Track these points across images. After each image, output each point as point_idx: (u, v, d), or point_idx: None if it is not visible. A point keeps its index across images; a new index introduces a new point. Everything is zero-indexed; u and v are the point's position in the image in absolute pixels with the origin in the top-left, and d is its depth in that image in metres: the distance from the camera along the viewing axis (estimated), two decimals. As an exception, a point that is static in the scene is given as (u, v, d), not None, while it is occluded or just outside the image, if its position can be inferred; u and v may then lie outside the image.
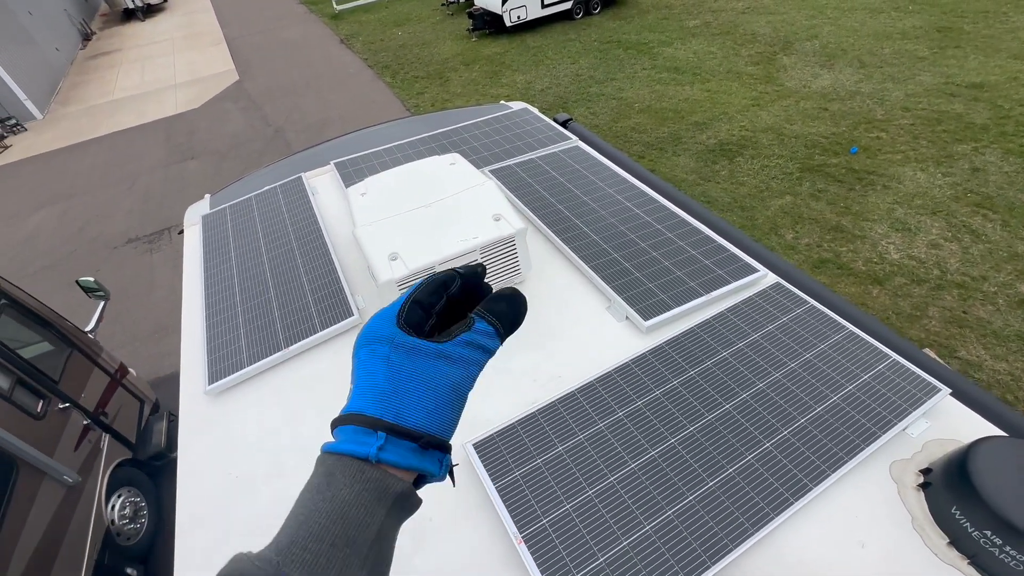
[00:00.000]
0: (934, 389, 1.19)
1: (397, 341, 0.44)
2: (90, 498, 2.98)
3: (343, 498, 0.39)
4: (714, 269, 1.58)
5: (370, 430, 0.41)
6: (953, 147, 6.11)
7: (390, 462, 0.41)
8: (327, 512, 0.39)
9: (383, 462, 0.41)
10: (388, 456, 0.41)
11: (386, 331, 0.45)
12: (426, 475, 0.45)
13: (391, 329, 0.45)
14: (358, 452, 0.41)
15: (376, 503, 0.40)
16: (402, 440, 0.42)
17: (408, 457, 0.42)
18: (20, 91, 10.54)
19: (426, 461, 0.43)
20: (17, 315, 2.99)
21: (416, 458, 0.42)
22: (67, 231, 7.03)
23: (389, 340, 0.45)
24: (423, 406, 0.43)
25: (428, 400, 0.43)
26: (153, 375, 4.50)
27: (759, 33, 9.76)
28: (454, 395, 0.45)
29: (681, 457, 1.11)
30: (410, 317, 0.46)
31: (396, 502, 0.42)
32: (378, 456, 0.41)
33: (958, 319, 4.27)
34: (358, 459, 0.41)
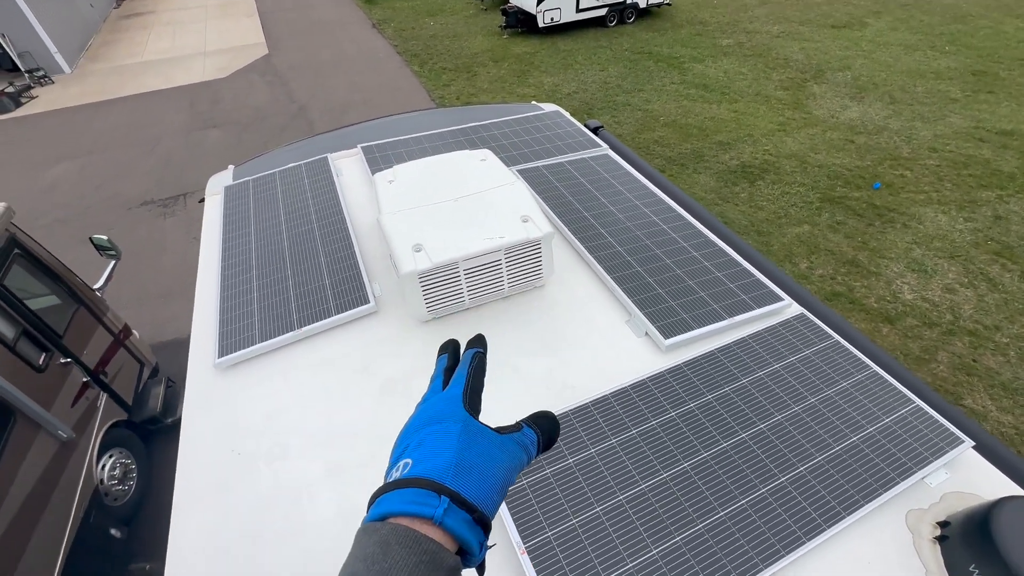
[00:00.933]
0: (957, 440, 1.16)
1: (468, 423, 0.48)
2: (82, 455, 2.98)
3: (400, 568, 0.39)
4: (738, 293, 1.55)
5: (435, 494, 0.43)
6: (977, 192, 6.05)
7: (449, 527, 0.42)
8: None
9: (445, 527, 0.42)
10: (450, 521, 0.42)
11: (459, 414, 0.49)
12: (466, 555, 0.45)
13: (463, 413, 0.49)
14: (423, 512, 0.42)
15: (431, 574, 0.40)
16: (461, 510, 0.43)
17: (463, 527, 0.43)
18: (51, 44, 10.59)
19: (473, 536, 0.44)
20: (29, 266, 2.99)
21: (468, 530, 0.43)
22: (85, 187, 7.05)
23: (463, 421, 0.48)
24: (481, 484, 0.45)
25: (487, 479, 0.46)
26: (155, 339, 4.50)
27: (791, 58, 9.70)
28: (504, 481, 0.48)
29: (693, 483, 1.09)
30: (473, 405, 0.51)
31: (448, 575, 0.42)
32: (442, 519, 0.42)
33: (967, 367, 4.22)
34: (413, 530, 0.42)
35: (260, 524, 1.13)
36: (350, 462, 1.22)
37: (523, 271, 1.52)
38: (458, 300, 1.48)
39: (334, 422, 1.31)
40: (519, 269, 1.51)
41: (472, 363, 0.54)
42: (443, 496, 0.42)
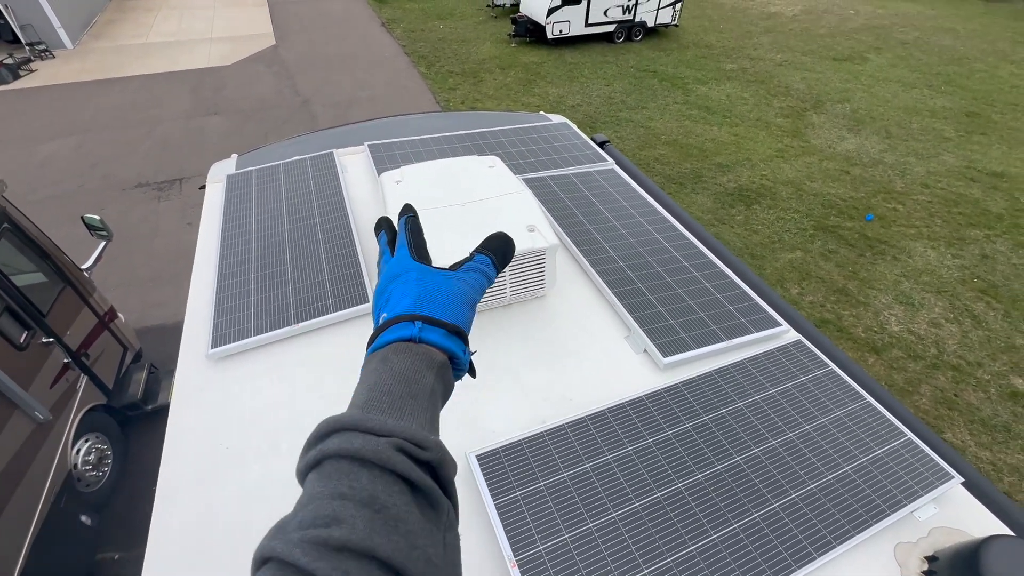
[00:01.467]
0: (946, 475, 1.17)
1: (422, 268, 0.58)
2: (57, 438, 2.91)
3: (400, 367, 0.48)
4: (737, 316, 1.56)
5: (410, 322, 0.52)
6: (966, 231, 6.18)
7: (429, 340, 0.51)
8: (390, 377, 0.48)
9: (424, 340, 0.51)
10: (427, 335, 0.51)
11: (410, 265, 0.58)
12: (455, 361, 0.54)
13: (413, 263, 0.58)
14: (404, 334, 0.51)
15: (426, 368, 0.49)
16: (434, 327, 0.52)
17: (441, 338, 0.52)
18: (55, 18, 10.47)
19: (453, 344, 0.53)
20: (17, 241, 2.93)
21: (446, 340, 0.53)
22: (80, 165, 6.94)
23: (415, 269, 0.58)
24: (446, 307, 0.55)
25: (449, 303, 0.55)
26: (141, 324, 4.42)
27: (793, 87, 9.88)
28: (467, 301, 0.57)
29: (686, 503, 1.09)
30: (422, 256, 0.60)
31: (439, 370, 0.51)
32: (420, 335, 0.51)
33: (948, 400, 4.29)
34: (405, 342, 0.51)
35: (246, 521, 1.10)
36: (341, 463, 1.20)
37: (526, 280, 1.52)
38: (459, 305, 1.47)
39: (326, 421, 1.29)
40: (522, 278, 1.51)
41: (407, 227, 0.63)
42: (416, 321, 0.52)
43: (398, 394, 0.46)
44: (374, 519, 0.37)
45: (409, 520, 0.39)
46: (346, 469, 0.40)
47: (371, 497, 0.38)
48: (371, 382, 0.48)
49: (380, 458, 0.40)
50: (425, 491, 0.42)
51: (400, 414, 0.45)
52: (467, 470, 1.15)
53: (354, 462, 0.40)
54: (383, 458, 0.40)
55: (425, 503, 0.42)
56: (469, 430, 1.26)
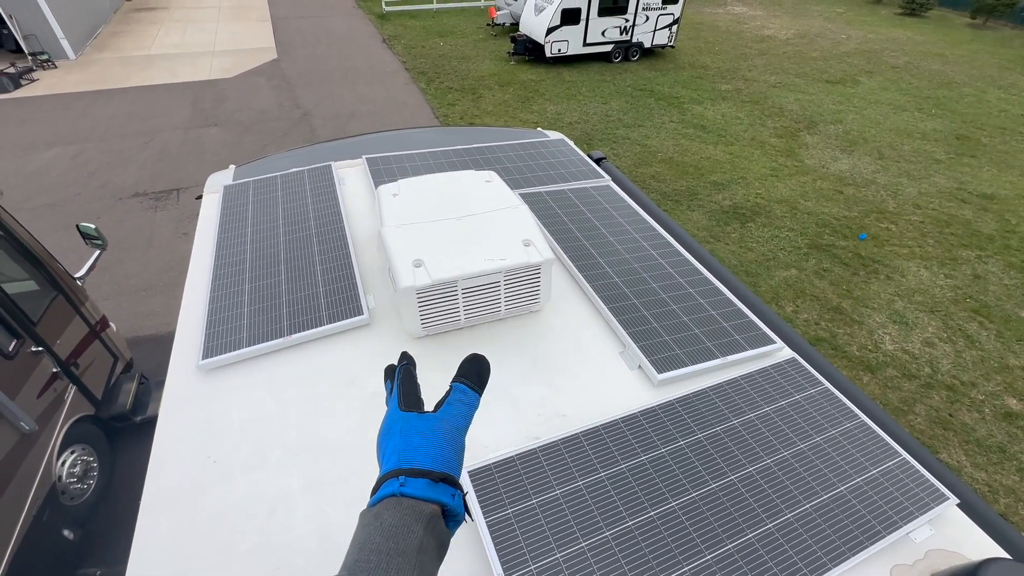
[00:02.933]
0: (942, 497, 1.17)
1: (405, 417, 0.61)
2: (42, 449, 2.85)
3: (389, 523, 0.50)
4: (731, 333, 1.56)
5: (394, 478, 0.55)
6: (958, 251, 6.25)
7: (410, 494, 0.53)
8: (379, 534, 0.50)
9: (405, 495, 0.53)
10: (408, 490, 0.53)
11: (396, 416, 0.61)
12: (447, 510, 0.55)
13: (399, 414, 0.61)
14: (387, 492, 0.54)
15: (415, 522, 0.51)
16: (418, 479, 0.54)
17: (423, 489, 0.54)
18: (58, 28, 10.56)
19: (439, 493, 0.54)
20: (9, 248, 2.91)
21: (430, 490, 0.54)
22: (77, 173, 6.94)
23: (400, 419, 0.61)
24: (428, 454, 0.57)
25: (431, 449, 0.57)
26: (133, 334, 4.38)
27: (787, 108, 10.05)
28: (450, 442, 0.59)
29: (680, 523, 1.07)
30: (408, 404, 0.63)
31: (429, 522, 0.52)
32: (400, 491, 0.53)
33: (943, 420, 4.29)
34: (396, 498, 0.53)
35: (232, 535, 1.08)
36: (329, 477, 1.18)
37: (521, 295, 1.52)
38: (454, 319, 1.47)
39: (316, 435, 1.27)
40: (517, 292, 1.51)
41: (399, 375, 0.67)
42: (401, 476, 0.54)
43: (386, 551, 0.48)
44: None
45: None
46: None
47: None
48: (361, 540, 0.50)
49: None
50: None
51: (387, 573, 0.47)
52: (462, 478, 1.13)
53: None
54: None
55: None
56: (461, 445, 1.24)
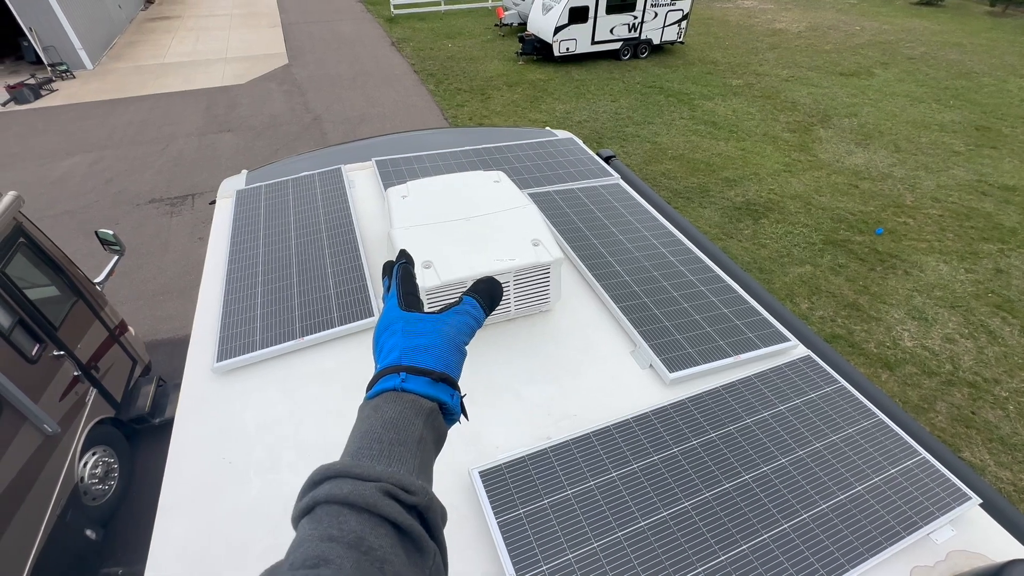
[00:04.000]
0: (964, 496, 1.14)
1: (407, 317, 0.59)
2: (65, 451, 2.92)
3: (390, 415, 0.50)
4: (744, 331, 1.54)
5: (394, 374, 0.54)
6: (979, 245, 6.10)
7: (411, 390, 0.53)
8: (380, 424, 0.50)
9: (406, 390, 0.53)
10: (409, 385, 0.53)
11: (396, 315, 0.60)
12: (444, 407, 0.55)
13: (400, 313, 0.60)
14: (388, 386, 0.53)
15: (414, 415, 0.51)
16: (419, 376, 0.54)
17: (424, 386, 0.54)
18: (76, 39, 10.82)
19: (439, 391, 0.54)
20: (32, 256, 2.98)
21: (431, 388, 0.54)
22: (95, 181, 7.10)
23: (400, 319, 0.59)
24: (431, 353, 0.56)
25: (433, 349, 0.56)
26: (151, 337, 4.46)
27: (799, 102, 9.91)
28: (453, 345, 0.58)
29: (694, 523, 1.06)
30: (408, 303, 0.61)
31: (428, 417, 0.52)
32: (402, 386, 0.53)
33: (966, 418, 4.19)
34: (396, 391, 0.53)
35: (247, 536, 1.09)
36: (343, 478, 1.19)
37: (531, 295, 1.51)
38: (463, 319, 1.47)
39: (329, 436, 1.28)
40: (527, 292, 1.50)
41: (397, 274, 0.65)
42: (401, 372, 0.54)
43: (387, 441, 0.48)
44: (360, 560, 0.38)
45: (395, 562, 0.40)
46: (335, 513, 0.41)
47: (358, 539, 0.39)
48: (363, 430, 0.50)
49: (367, 502, 0.41)
50: (411, 535, 0.43)
51: (389, 460, 0.47)
52: (470, 487, 1.13)
53: (343, 506, 0.41)
54: (370, 502, 0.41)
55: (411, 546, 0.43)
56: (472, 446, 1.24)
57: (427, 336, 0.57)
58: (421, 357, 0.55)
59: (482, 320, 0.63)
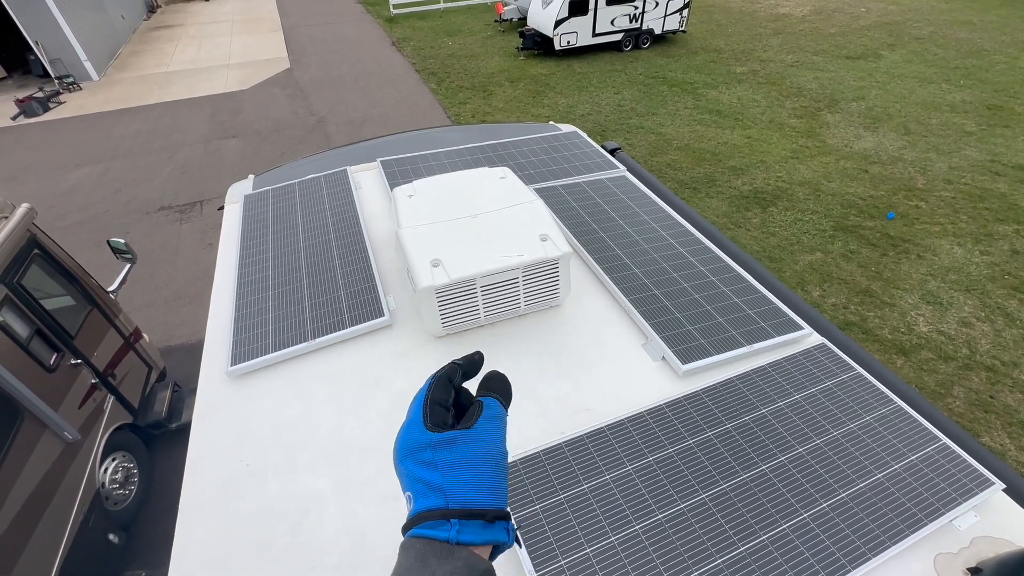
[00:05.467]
0: (986, 482, 1.12)
1: (434, 442, 0.51)
2: (85, 457, 2.97)
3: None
4: (757, 320, 1.53)
5: (443, 520, 0.47)
6: (994, 226, 5.99)
7: (468, 541, 0.46)
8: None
9: (463, 543, 0.46)
10: (466, 537, 0.46)
11: (422, 438, 0.52)
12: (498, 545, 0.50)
13: (425, 435, 0.52)
14: (439, 536, 0.46)
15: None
16: (472, 521, 0.47)
17: (481, 534, 0.47)
18: (82, 52, 10.93)
19: (496, 532, 0.48)
20: (47, 267, 3.03)
21: (487, 532, 0.48)
22: (105, 190, 7.19)
23: (428, 445, 0.51)
24: (477, 486, 0.49)
25: (478, 480, 0.49)
26: (165, 343, 4.52)
27: (805, 87, 9.77)
28: (496, 466, 0.51)
29: (711, 515, 1.06)
30: (435, 418, 0.53)
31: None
32: (457, 538, 0.46)
33: (984, 403, 4.12)
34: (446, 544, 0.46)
35: (266, 537, 1.10)
36: (358, 478, 1.20)
37: (540, 290, 1.51)
38: (474, 317, 1.47)
39: (343, 436, 1.29)
40: (536, 288, 1.50)
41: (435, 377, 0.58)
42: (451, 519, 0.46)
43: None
44: None
45: None
46: None
47: None
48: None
49: None
50: None
51: None
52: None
53: None
54: None
55: None
56: (486, 442, 1.24)
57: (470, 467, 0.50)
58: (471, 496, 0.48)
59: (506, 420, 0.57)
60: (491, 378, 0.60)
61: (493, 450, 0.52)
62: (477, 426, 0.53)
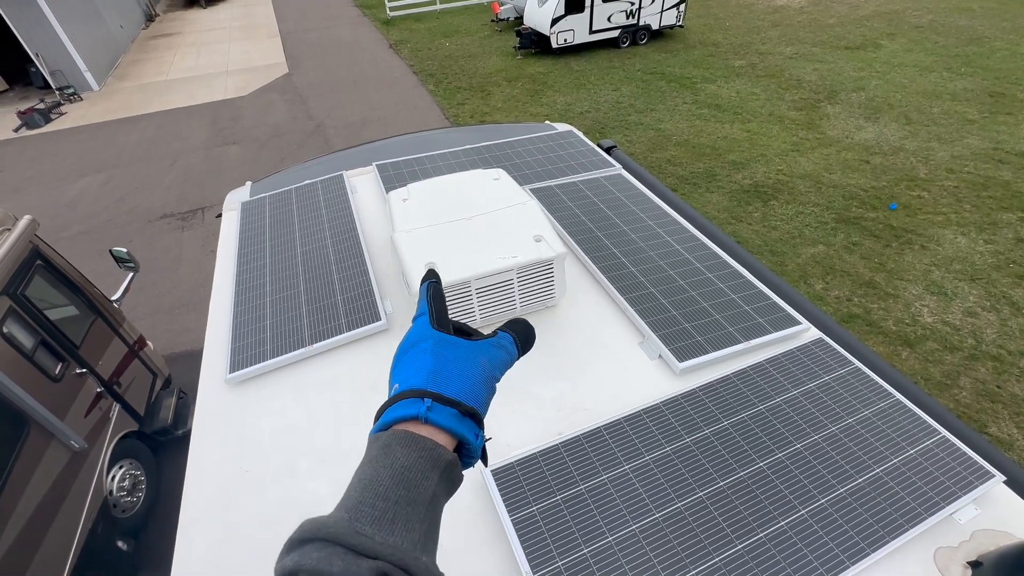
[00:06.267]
0: (987, 474, 1.11)
1: (439, 338, 0.54)
2: (93, 466, 3.00)
3: (402, 464, 0.44)
4: (754, 316, 1.53)
5: (418, 399, 0.48)
6: (998, 214, 5.94)
7: (435, 421, 0.47)
8: (389, 475, 0.43)
9: (431, 421, 0.47)
10: (434, 416, 0.47)
11: (428, 333, 0.55)
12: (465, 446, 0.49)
13: (431, 331, 0.55)
14: (409, 412, 0.47)
15: (430, 469, 0.45)
16: (445, 407, 0.48)
17: (451, 420, 0.48)
18: (82, 62, 11.01)
19: (464, 428, 0.48)
20: (50, 277, 3.05)
21: (457, 423, 0.48)
22: (107, 200, 7.24)
23: (432, 338, 0.54)
24: (461, 383, 0.50)
25: (465, 379, 0.51)
26: (169, 350, 4.55)
27: (805, 79, 9.72)
28: (486, 378, 0.53)
29: (709, 513, 1.06)
30: (441, 323, 0.56)
31: (445, 470, 0.46)
32: (427, 416, 0.47)
33: (991, 393, 4.09)
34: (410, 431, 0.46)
35: (267, 543, 1.11)
36: (358, 482, 1.20)
37: (535, 291, 1.51)
38: (470, 319, 1.47)
39: (342, 441, 1.29)
40: (531, 289, 1.50)
41: (428, 292, 0.60)
42: (426, 398, 0.48)
43: (395, 499, 0.42)
44: None
45: None
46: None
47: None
48: (368, 476, 0.43)
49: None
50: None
51: (392, 525, 0.40)
52: (482, 486, 1.14)
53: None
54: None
55: None
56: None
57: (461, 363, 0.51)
58: (452, 385, 0.50)
59: (515, 360, 0.58)
60: (516, 320, 0.62)
61: (488, 366, 0.53)
62: (483, 343, 0.55)
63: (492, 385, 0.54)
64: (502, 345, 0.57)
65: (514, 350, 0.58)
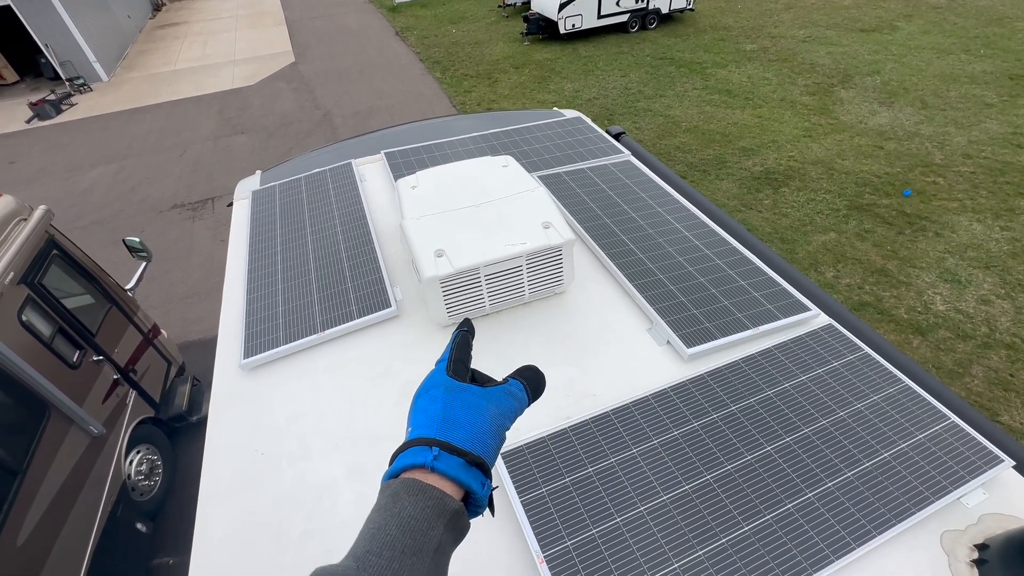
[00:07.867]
0: (995, 459, 1.11)
1: (449, 384, 0.56)
2: (111, 451, 3.08)
3: (409, 513, 0.46)
4: (763, 303, 1.52)
5: (426, 447, 0.50)
6: (1015, 201, 5.83)
7: (442, 470, 0.48)
8: (396, 524, 0.45)
9: (437, 470, 0.48)
10: (441, 465, 0.48)
11: (440, 380, 0.57)
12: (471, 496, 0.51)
13: (444, 378, 0.57)
14: (416, 461, 0.49)
15: (436, 518, 0.46)
16: (452, 456, 0.50)
17: (457, 470, 0.49)
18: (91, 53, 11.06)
19: (470, 477, 0.50)
20: (66, 267, 3.11)
21: (463, 472, 0.49)
22: (119, 190, 7.32)
23: (443, 385, 0.56)
24: (469, 432, 0.52)
25: (473, 427, 0.52)
26: (182, 338, 4.62)
27: (818, 63, 9.52)
28: (494, 428, 0.54)
29: (716, 495, 1.07)
30: (456, 371, 0.59)
31: (451, 519, 0.48)
32: (433, 464, 0.48)
33: (1004, 381, 4.06)
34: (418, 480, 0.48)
35: (283, 523, 1.14)
36: (370, 465, 1.23)
37: (544, 277, 1.52)
38: (479, 306, 1.49)
39: (354, 425, 1.32)
40: (540, 275, 1.51)
41: (455, 339, 0.63)
42: (433, 447, 0.49)
43: (400, 548, 0.43)
44: None
45: None
46: None
47: None
48: (376, 525, 0.45)
49: None
50: None
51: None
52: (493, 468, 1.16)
53: None
54: None
55: None
56: (493, 429, 1.27)
57: (469, 411, 0.53)
58: (460, 433, 0.51)
59: (525, 407, 0.59)
60: (527, 367, 0.64)
61: (497, 416, 0.55)
62: (493, 390, 0.57)
63: (501, 434, 0.55)
64: (512, 393, 0.58)
65: (524, 397, 0.60)
